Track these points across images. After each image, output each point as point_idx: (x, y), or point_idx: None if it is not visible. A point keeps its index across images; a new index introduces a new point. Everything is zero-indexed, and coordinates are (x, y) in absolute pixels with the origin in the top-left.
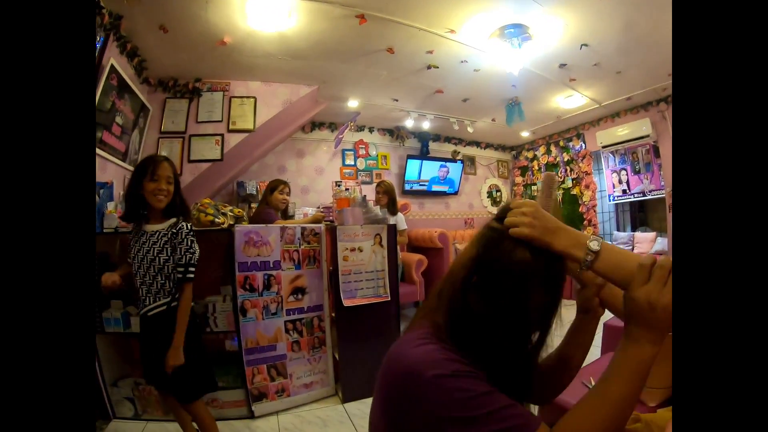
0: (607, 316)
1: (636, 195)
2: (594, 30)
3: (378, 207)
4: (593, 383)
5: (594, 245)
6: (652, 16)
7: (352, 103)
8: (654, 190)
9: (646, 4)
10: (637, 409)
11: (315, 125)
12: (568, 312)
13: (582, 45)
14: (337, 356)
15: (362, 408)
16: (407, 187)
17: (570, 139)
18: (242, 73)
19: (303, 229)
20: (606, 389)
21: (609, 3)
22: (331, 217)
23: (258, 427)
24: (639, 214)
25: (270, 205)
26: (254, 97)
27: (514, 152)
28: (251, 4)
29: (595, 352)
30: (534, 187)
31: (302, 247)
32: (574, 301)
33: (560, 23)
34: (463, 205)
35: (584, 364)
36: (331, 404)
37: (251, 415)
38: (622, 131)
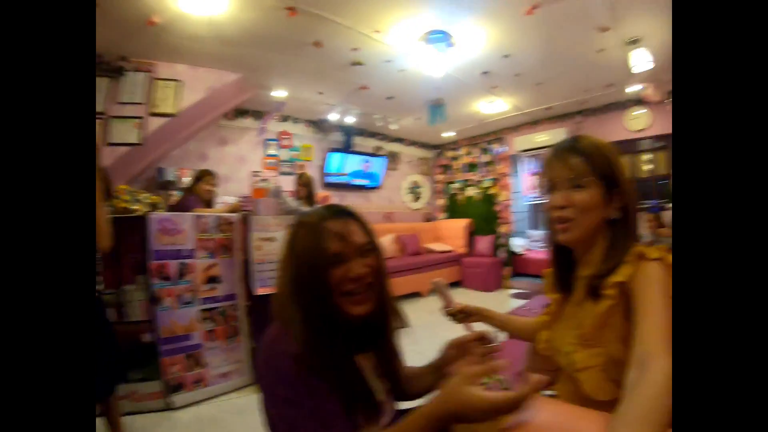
0: (508, 305)
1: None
2: (516, 43)
3: (293, 199)
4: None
5: None
6: (572, 33)
7: (278, 93)
8: None
9: (567, 21)
10: None
11: (239, 113)
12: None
13: (504, 55)
14: (253, 345)
15: None
16: (328, 179)
17: (491, 142)
18: (169, 55)
19: (218, 218)
20: None
21: (531, 19)
22: (249, 207)
23: (178, 418)
24: None
25: (194, 194)
26: (179, 81)
27: (437, 151)
28: None
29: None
30: (452, 186)
31: (217, 236)
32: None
33: (483, 33)
34: (383, 199)
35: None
36: (248, 393)
37: (170, 407)
38: (540, 138)
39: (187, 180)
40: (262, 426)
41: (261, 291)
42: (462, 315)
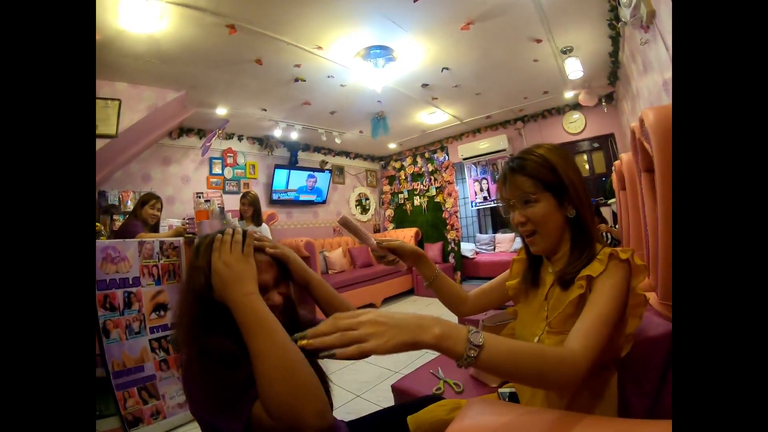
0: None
1: (496, 201)
2: (455, 56)
3: (238, 219)
4: (440, 373)
5: (478, 338)
6: (508, 47)
7: (221, 111)
8: None
9: (504, 36)
10: (481, 390)
11: (183, 131)
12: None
13: (443, 68)
14: None
15: None
16: (275, 197)
17: (435, 151)
18: (109, 73)
19: (162, 243)
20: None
21: (469, 33)
22: (194, 230)
23: None
24: (501, 218)
25: (138, 218)
26: (119, 100)
27: (382, 162)
28: (123, 4)
29: None
30: (401, 195)
31: (161, 261)
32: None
33: (422, 48)
34: (331, 213)
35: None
36: None
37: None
38: (482, 145)
39: (130, 203)
40: None
41: None
42: (392, 257)
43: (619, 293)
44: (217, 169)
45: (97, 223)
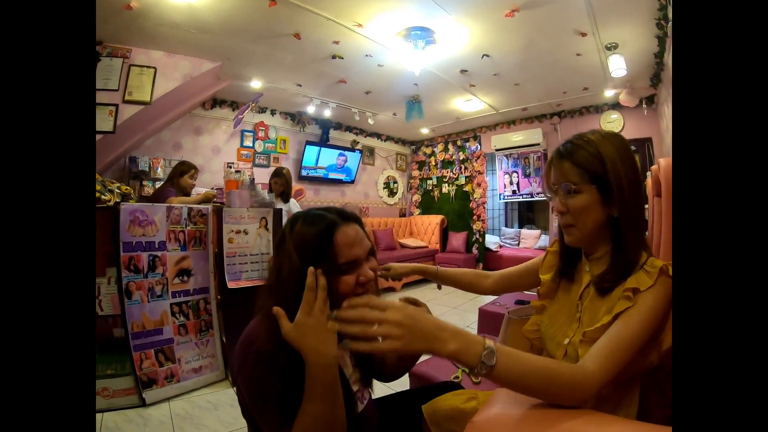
0: (482, 300)
1: (525, 196)
2: (497, 43)
3: (267, 192)
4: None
5: (490, 347)
6: (552, 38)
7: (255, 84)
8: (541, 193)
9: (549, 27)
10: (481, 387)
11: (215, 102)
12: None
13: (484, 55)
14: (224, 339)
15: None
16: (304, 173)
17: (467, 140)
18: (145, 41)
19: (190, 209)
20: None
21: (513, 21)
22: (222, 199)
23: (150, 415)
24: (527, 213)
25: (175, 186)
26: (155, 68)
27: (413, 147)
28: None
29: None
30: (429, 182)
31: (188, 227)
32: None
33: (465, 32)
34: (359, 194)
35: None
36: (221, 388)
37: (143, 403)
38: (516, 137)
39: (159, 170)
40: (234, 421)
41: (233, 285)
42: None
43: (658, 314)
44: (248, 142)
45: (126, 187)
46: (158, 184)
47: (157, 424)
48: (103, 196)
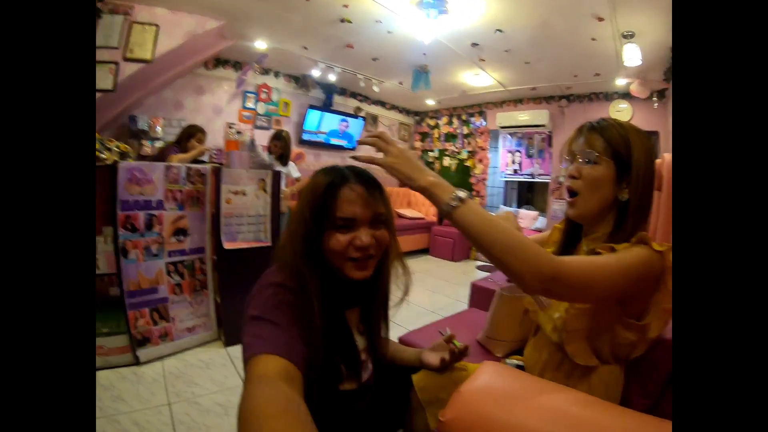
0: (475, 276)
1: (526, 176)
2: (511, 19)
3: (267, 154)
4: (448, 332)
5: (462, 194)
6: (568, 19)
7: (260, 44)
8: (542, 175)
9: (566, 7)
10: (485, 357)
11: (219, 62)
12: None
13: (497, 30)
14: (218, 300)
15: None
16: (305, 137)
17: (472, 115)
18: None
19: (188, 168)
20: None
21: None
22: (222, 159)
23: (144, 372)
24: (526, 194)
25: (182, 149)
26: (157, 25)
27: (417, 117)
28: None
29: (462, 306)
30: (431, 154)
31: (186, 187)
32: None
33: (480, 4)
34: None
35: (442, 308)
36: (214, 348)
37: (137, 362)
38: (522, 116)
39: (159, 129)
40: (225, 380)
41: (229, 245)
42: None
43: (631, 270)
44: (250, 104)
45: (125, 146)
46: (158, 144)
47: (151, 382)
48: (101, 155)
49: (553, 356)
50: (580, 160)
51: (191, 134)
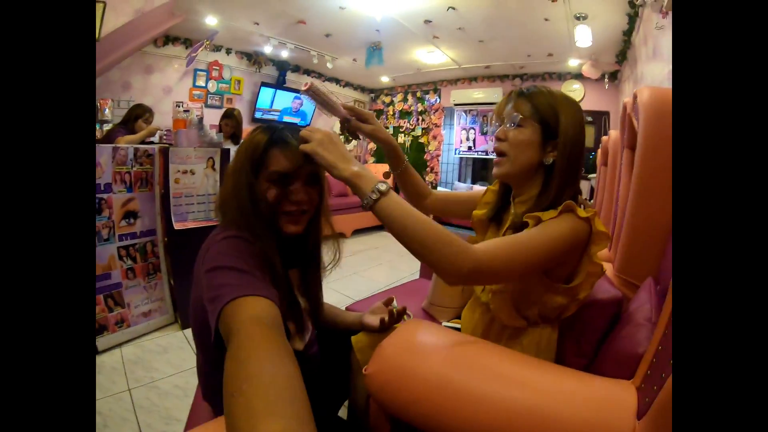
0: None
1: (480, 153)
2: None
3: (216, 132)
4: (395, 303)
5: (382, 186)
6: None
7: (211, 21)
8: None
9: None
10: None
11: (168, 39)
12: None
13: (449, 7)
14: (172, 282)
15: None
16: (258, 114)
17: (427, 92)
18: None
19: (136, 149)
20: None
21: None
22: (170, 140)
23: (103, 362)
24: (481, 171)
25: (129, 130)
26: (104, 2)
27: (372, 95)
28: None
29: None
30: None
31: (134, 168)
32: None
33: None
34: None
35: (398, 283)
36: (171, 331)
37: (95, 351)
38: (476, 94)
39: (107, 112)
40: (183, 363)
41: (179, 226)
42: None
43: (557, 241)
44: (200, 82)
45: None
46: (105, 127)
47: (110, 371)
48: None
49: (484, 317)
50: (508, 124)
51: (138, 115)
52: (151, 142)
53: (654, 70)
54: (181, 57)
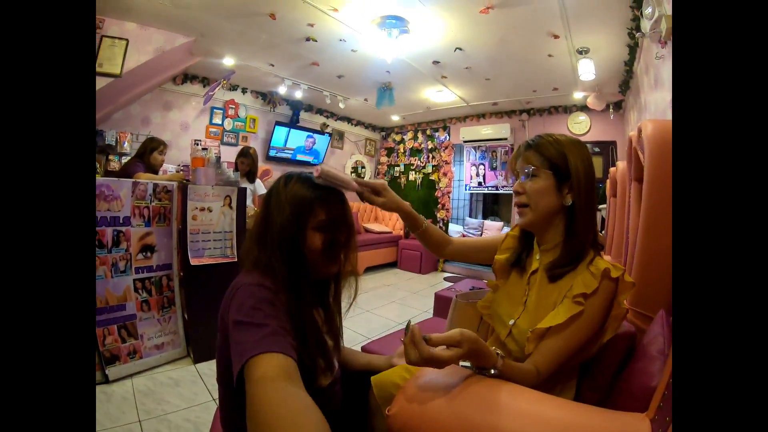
0: (440, 286)
1: (490, 188)
2: (470, 38)
3: (232, 170)
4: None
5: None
6: (525, 37)
7: (228, 61)
8: (506, 186)
9: (522, 26)
10: None
11: (187, 78)
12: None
13: (457, 48)
14: (186, 317)
15: (213, 368)
16: (272, 152)
17: (437, 130)
18: (119, 12)
19: (155, 185)
20: None
21: (487, 17)
22: (188, 176)
23: (113, 391)
24: (491, 205)
25: (144, 163)
26: (127, 40)
27: (383, 133)
28: None
29: (428, 315)
30: (397, 168)
31: (153, 203)
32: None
33: (440, 24)
34: None
35: (415, 323)
36: (183, 365)
37: (106, 380)
38: (485, 131)
39: (127, 145)
40: (195, 397)
41: (195, 262)
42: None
43: (602, 317)
44: (217, 120)
45: None
46: (125, 159)
47: (120, 401)
48: None
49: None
50: (522, 177)
51: (153, 148)
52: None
53: (657, 99)
54: (198, 95)
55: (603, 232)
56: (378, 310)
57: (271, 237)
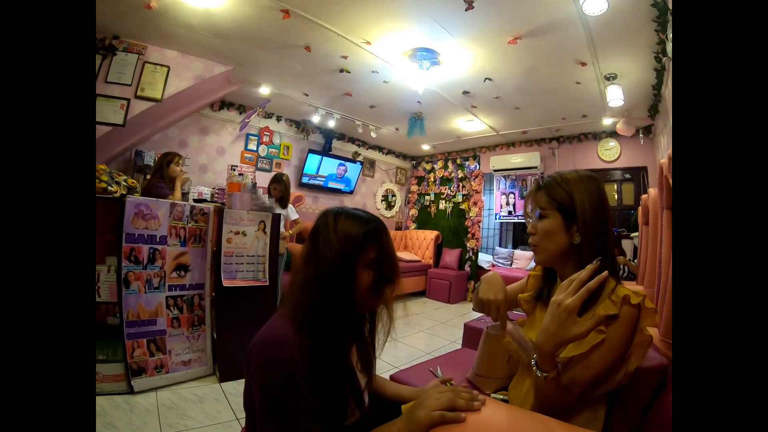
0: (469, 316)
1: (520, 217)
2: (499, 68)
3: (267, 196)
4: (439, 372)
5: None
6: (552, 66)
7: (264, 90)
8: None
9: (550, 55)
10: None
11: (224, 104)
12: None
13: (486, 78)
14: (215, 336)
15: (238, 387)
16: (304, 179)
17: (467, 159)
18: (161, 40)
19: (192, 207)
20: None
21: (515, 48)
22: (224, 199)
23: (137, 402)
24: (521, 234)
25: (164, 178)
26: (168, 66)
27: (413, 162)
28: None
29: (457, 347)
30: (427, 197)
31: (190, 224)
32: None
33: (469, 56)
34: (356, 204)
35: (439, 351)
36: (208, 383)
37: (131, 391)
38: (515, 159)
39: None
40: (218, 415)
41: (228, 283)
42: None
43: (625, 343)
44: (252, 146)
45: (132, 180)
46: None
47: (143, 412)
48: (110, 187)
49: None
50: (532, 219)
51: (169, 161)
52: (204, 200)
53: None
54: (234, 121)
55: (636, 261)
56: (406, 339)
57: (318, 277)
